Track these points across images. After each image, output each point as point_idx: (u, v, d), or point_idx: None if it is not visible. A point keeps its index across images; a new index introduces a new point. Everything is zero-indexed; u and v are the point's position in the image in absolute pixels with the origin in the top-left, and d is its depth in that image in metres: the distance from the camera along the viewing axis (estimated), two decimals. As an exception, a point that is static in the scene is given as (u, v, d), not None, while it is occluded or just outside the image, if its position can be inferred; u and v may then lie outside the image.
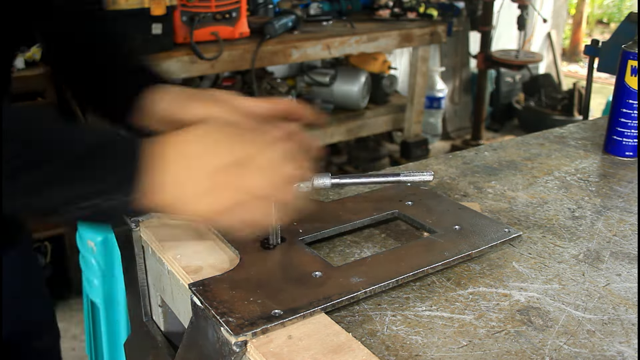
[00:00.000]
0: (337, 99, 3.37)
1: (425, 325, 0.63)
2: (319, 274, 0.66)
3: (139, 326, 0.89)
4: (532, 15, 4.67)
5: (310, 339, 0.57)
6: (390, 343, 0.60)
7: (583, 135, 1.23)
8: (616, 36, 1.54)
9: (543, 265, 0.74)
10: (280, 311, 0.59)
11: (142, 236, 0.80)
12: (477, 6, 4.05)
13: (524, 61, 4.00)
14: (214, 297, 0.61)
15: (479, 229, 0.78)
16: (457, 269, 0.73)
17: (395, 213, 0.84)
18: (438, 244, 0.74)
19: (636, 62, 1.05)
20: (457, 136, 4.57)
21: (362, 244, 0.79)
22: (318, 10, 3.05)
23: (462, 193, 0.95)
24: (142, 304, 0.86)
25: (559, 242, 0.80)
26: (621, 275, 0.73)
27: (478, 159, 1.10)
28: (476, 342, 0.60)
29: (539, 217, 0.87)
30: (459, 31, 4.29)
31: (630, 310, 0.66)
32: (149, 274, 0.83)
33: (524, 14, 3.97)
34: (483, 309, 0.65)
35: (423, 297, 0.68)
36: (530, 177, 1.01)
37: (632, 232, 0.83)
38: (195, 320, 0.63)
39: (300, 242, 0.74)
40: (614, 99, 1.11)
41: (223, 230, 0.76)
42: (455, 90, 4.62)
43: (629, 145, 1.10)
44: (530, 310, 0.65)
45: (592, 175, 1.03)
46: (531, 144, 1.17)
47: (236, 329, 0.56)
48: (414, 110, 3.59)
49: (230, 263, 0.71)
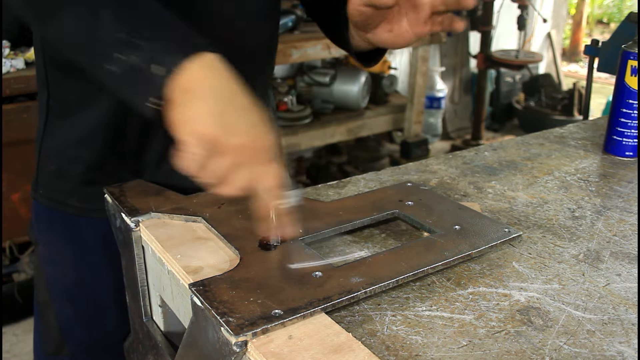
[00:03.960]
0: (337, 99, 3.37)
1: (425, 325, 0.63)
2: (319, 274, 0.66)
3: (139, 326, 0.89)
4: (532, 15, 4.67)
5: (310, 339, 0.57)
6: (390, 343, 0.60)
7: (583, 135, 1.23)
8: (616, 36, 1.53)
9: (543, 265, 0.74)
10: (280, 311, 0.59)
11: (142, 236, 0.80)
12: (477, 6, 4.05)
13: (524, 61, 4.00)
14: (214, 297, 0.61)
15: (479, 229, 0.78)
16: (457, 269, 0.73)
17: (395, 213, 0.84)
18: (438, 244, 0.74)
19: (636, 62, 1.05)
20: (457, 136, 4.57)
21: (362, 244, 0.79)
22: (318, 10, 3.04)
23: (462, 193, 0.95)
24: (142, 304, 0.86)
25: (559, 242, 0.80)
26: (621, 275, 0.73)
27: (478, 159, 1.10)
28: (476, 342, 0.60)
29: (539, 217, 0.87)
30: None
31: (630, 310, 0.66)
32: (149, 274, 0.83)
33: (524, 14, 3.97)
34: (483, 309, 0.65)
35: (423, 297, 0.68)
36: (530, 177, 1.01)
37: (632, 232, 0.83)
38: (195, 320, 0.63)
39: (300, 242, 0.74)
40: (614, 99, 1.11)
41: (223, 231, 0.76)
42: (455, 90, 4.62)
43: (629, 145, 1.10)
44: (530, 310, 0.65)
45: (592, 175, 1.03)
46: (531, 144, 1.17)
47: (236, 329, 0.56)
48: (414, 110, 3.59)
49: (230, 263, 0.71)
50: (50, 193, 0.99)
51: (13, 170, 2.21)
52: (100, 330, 1.05)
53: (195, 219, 0.80)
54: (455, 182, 0.99)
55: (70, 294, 1.02)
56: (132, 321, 0.93)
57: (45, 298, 1.04)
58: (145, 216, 0.80)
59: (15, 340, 2.29)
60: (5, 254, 2.36)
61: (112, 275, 0.98)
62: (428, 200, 0.87)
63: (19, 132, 2.14)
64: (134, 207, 0.82)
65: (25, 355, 2.21)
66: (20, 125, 2.14)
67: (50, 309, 1.04)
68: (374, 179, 1.00)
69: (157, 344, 0.84)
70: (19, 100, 2.16)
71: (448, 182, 0.99)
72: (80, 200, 0.96)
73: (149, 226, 0.79)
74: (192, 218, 0.80)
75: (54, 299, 1.03)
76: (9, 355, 2.22)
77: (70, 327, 1.04)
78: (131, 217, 0.80)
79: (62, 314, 1.03)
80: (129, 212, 0.80)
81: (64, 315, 1.03)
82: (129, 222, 0.80)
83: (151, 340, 0.86)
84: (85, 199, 0.95)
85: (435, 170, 1.04)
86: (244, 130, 0.64)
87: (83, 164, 0.94)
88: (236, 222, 0.78)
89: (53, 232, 1.01)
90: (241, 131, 0.64)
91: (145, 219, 0.80)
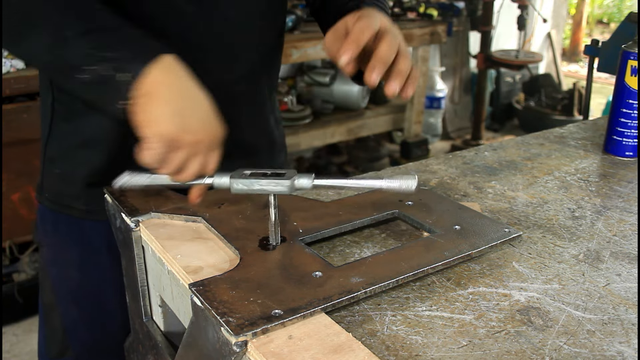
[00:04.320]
0: (337, 99, 3.37)
1: (425, 325, 0.63)
2: (319, 274, 0.66)
3: (139, 326, 0.90)
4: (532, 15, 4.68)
5: (310, 339, 0.57)
6: (390, 343, 0.60)
7: (583, 135, 1.23)
8: (616, 36, 1.54)
9: (543, 265, 0.74)
10: (280, 311, 0.59)
11: (142, 236, 0.80)
12: (477, 6, 4.05)
13: (524, 61, 4.00)
14: (214, 297, 0.61)
15: (479, 229, 0.78)
16: (457, 269, 0.73)
17: (395, 213, 0.84)
18: (438, 244, 0.74)
19: (636, 62, 1.05)
20: (457, 136, 4.57)
21: (362, 244, 0.79)
22: (318, 10, 3.04)
23: (462, 193, 0.95)
24: (142, 304, 0.86)
25: (559, 242, 0.80)
26: (621, 275, 0.73)
27: (478, 159, 1.10)
28: (476, 342, 0.60)
29: (539, 217, 0.87)
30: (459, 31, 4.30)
31: (630, 310, 0.66)
32: (149, 274, 0.83)
33: (524, 14, 3.97)
34: (483, 309, 0.65)
35: (423, 297, 0.68)
36: (530, 177, 1.01)
37: (632, 232, 0.83)
38: (195, 320, 0.64)
39: (300, 242, 0.74)
40: (614, 99, 1.11)
41: (223, 231, 0.76)
42: (455, 90, 4.62)
43: (629, 145, 1.10)
44: (530, 310, 0.65)
45: (592, 175, 1.03)
46: (531, 144, 1.17)
47: (236, 329, 0.56)
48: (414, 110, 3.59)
49: (230, 263, 0.71)
50: (55, 197, 0.99)
51: (13, 170, 2.21)
52: (104, 332, 1.05)
53: (195, 219, 0.80)
54: (455, 182, 0.99)
55: (75, 296, 1.02)
56: (132, 321, 0.93)
57: (51, 300, 1.04)
58: (145, 216, 0.80)
59: (15, 340, 2.30)
60: (5, 254, 2.36)
61: (117, 278, 0.98)
62: (428, 200, 0.87)
63: (19, 132, 2.14)
64: (134, 207, 0.82)
65: (25, 355, 2.22)
66: (20, 125, 2.15)
67: (55, 311, 1.04)
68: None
69: (157, 344, 0.84)
70: (19, 100, 2.17)
71: (448, 182, 0.99)
72: (86, 203, 0.96)
73: (149, 226, 0.79)
74: (192, 218, 0.80)
75: (59, 300, 1.03)
76: (9, 355, 2.22)
77: (75, 329, 1.04)
78: (131, 217, 0.80)
79: (66, 316, 1.03)
80: (129, 212, 0.80)
81: (68, 317, 1.03)
82: (129, 222, 0.80)
83: (151, 340, 0.86)
84: (91, 201, 0.95)
85: (435, 170, 1.04)
86: (200, 127, 0.72)
87: (88, 166, 0.94)
88: (236, 222, 0.78)
89: (58, 234, 1.01)
90: (197, 128, 0.72)
91: (145, 219, 0.80)
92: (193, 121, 0.71)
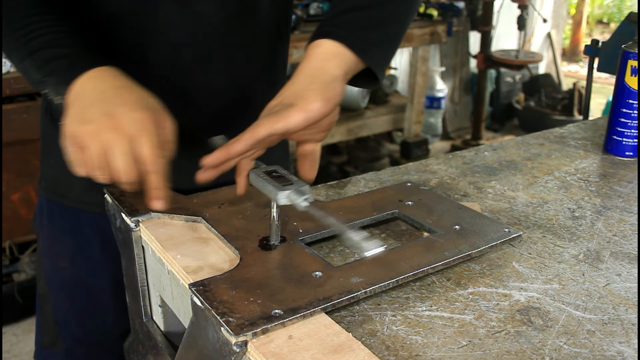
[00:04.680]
0: (337, 99, 3.36)
1: (425, 325, 0.63)
2: (319, 274, 0.66)
3: (139, 326, 0.90)
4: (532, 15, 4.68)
5: (310, 339, 0.57)
6: (390, 343, 0.60)
7: (583, 135, 1.23)
8: (616, 36, 1.54)
9: (543, 265, 0.74)
10: (280, 311, 0.59)
11: (142, 236, 0.80)
12: (477, 6, 4.05)
13: (524, 61, 4.00)
14: (214, 297, 0.61)
15: (479, 229, 0.78)
16: (457, 269, 0.73)
17: (395, 213, 0.84)
18: (438, 244, 0.74)
19: (636, 62, 1.05)
20: (457, 136, 4.57)
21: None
22: (318, 10, 3.04)
23: (462, 193, 0.95)
24: (142, 304, 0.86)
25: (559, 242, 0.80)
26: (621, 275, 0.73)
27: (478, 159, 1.10)
28: (476, 342, 0.60)
29: (539, 217, 0.87)
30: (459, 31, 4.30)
31: (630, 310, 0.66)
32: (149, 274, 0.83)
33: (524, 14, 3.97)
34: (483, 309, 0.65)
35: (423, 297, 0.68)
36: (530, 177, 1.01)
37: (632, 232, 0.83)
38: (195, 320, 0.64)
39: (300, 242, 0.74)
40: (614, 99, 1.11)
41: (223, 231, 0.76)
42: (455, 90, 4.62)
43: (629, 145, 1.10)
44: (530, 310, 0.65)
45: (592, 175, 1.03)
46: (531, 144, 1.17)
47: (236, 329, 0.56)
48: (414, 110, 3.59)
49: (230, 263, 0.71)
50: (51, 186, 1.00)
51: (13, 170, 2.21)
52: (96, 326, 1.05)
53: (195, 219, 0.80)
54: (455, 182, 0.99)
55: (67, 288, 1.03)
56: (132, 321, 0.93)
57: (44, 291, 1.05)
58: (145, 216, 0.80)
59: (15, 340, 2.29)
60: (5, 254, 2.36)
61: (109, 273, 0.99)
62: (428, 200, 0.87)
63: (19, 132, 2.14)
64: (134, 207, 0.82)
65: (25, 355, 2.21)
66: (20, 125, 2.15)
67: (48, 303, 1.05)
68: (374, 179, 1.00)
69: (157, 344, 0.84)
70: (19, 100, 2.16)
71: (448, 182, 0.99)
72: (80, 193, 0.97)
73: (149, 226, 0.79)
74: (192, 218, 0.80)
75: (51, 292, 1.04)
76: (9, 355, 2.22)
77: (66, 322, 1.04)
78: (131, 217, 0.79)
79: (58, 308, 1.04)
80: (129, 212, 0.80)
81: (60, 309, 1.04)
82: (129, 222, 0.80)
83: (151, 340, 0.86)
84: (85, 192, 0.96)
85: (435, 170, 1.04)
86: (97, 116, 0.69)
87: None
88: (236, 222, 0.78)
89: (53, 224, 1.02)
90: (92, 118, 0.69)
91: (145, 219, 0.80)
92: (89, 113, 0.70)
